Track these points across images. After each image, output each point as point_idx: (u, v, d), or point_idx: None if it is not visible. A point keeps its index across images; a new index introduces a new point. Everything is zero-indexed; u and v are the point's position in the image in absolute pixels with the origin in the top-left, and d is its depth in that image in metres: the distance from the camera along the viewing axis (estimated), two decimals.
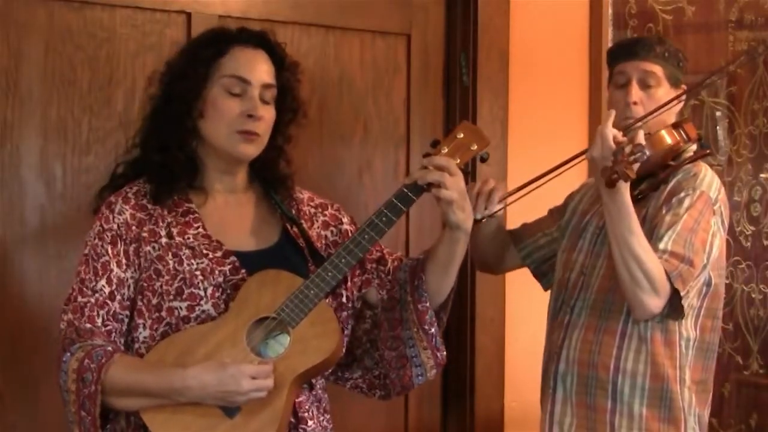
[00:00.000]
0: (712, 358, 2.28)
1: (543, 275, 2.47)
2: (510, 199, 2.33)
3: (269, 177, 2.07)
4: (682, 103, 2.32)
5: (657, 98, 2.24)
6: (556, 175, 2.27)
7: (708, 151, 2.26)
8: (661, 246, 2.10)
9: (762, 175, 3.43)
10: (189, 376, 1.81)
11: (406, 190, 1.94)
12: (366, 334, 2.11)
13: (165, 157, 1.96)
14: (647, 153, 1.98)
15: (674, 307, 2.11)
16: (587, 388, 2.22)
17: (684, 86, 2.31)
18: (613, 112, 2.14)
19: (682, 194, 2.15)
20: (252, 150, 1.98)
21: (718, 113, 3.38)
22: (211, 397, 1.82)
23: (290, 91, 2.05)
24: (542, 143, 2.91)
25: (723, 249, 2.24)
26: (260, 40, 2.01)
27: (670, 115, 2.28)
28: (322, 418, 2.03)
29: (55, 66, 2.53)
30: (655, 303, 2.08)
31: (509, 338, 3.02)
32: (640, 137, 2.02)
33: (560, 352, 2.27)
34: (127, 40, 2.60)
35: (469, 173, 2.01)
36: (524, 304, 2.52)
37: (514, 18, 3.02)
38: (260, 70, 1.98)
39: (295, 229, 2.05)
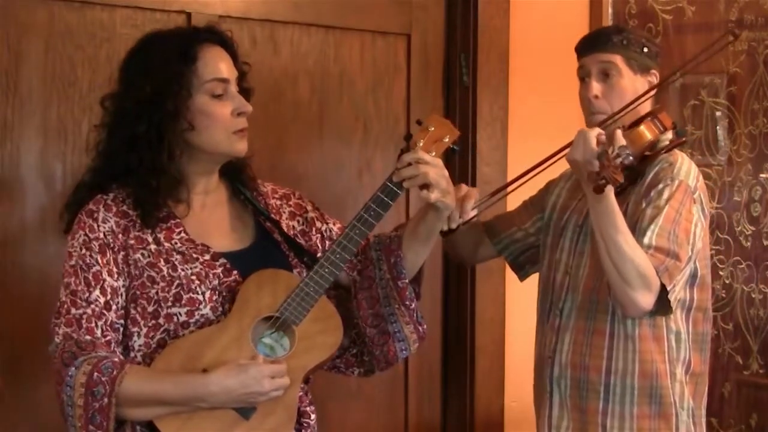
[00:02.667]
0: (707, 350, 2.28)
1: (520, 267, 2.46)
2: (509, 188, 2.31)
3: (232, 167, 2.05)
4: (655, 91, 2.28)
5: (620, 88, 2.22)
6: (535, 175, 2.26)
7: (684, 139, 2.22)
8: (645, 241, 2.07)
9: (762, 175, 3.43)
10: (211, 382, 1.81)
11: (391, 185, 1.95)
12: None
13: (159, 179, 1.91)
14: (633, 153, 1.95)
15: (662, 303, 2.09)
16: (580, 391, 2.22)
17: (655, 72, 2.28)
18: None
19: (661, 185, 2.13)
20: (246, 146, 1.98)
21: (718, 113, 3.38)
22: (233, 401, 1.82)
23: (245, 76, 2.04)
24: (542, 143, 2.90)
25: (706, 239, 2.23)
26: (215, 35, 1.98)
27: (644, 104, 2.25)
28: (309, 410, 2.04)
29: (55, 66, 2.53)
30: (647, 300, 2.05)
31: (509, 338, 3.03)
32: (620, 138, 1.98)
33: (553, 356, 2.26)
34: (127, 40, 2.58)
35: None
36: (524, 304, 2.52)
37: (514, 18, 3.02)
38: (229, 65, 1.97)
39: (268, 223, 2.05)
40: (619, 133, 2.01)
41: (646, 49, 2.25)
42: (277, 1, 2.79)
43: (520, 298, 2.55)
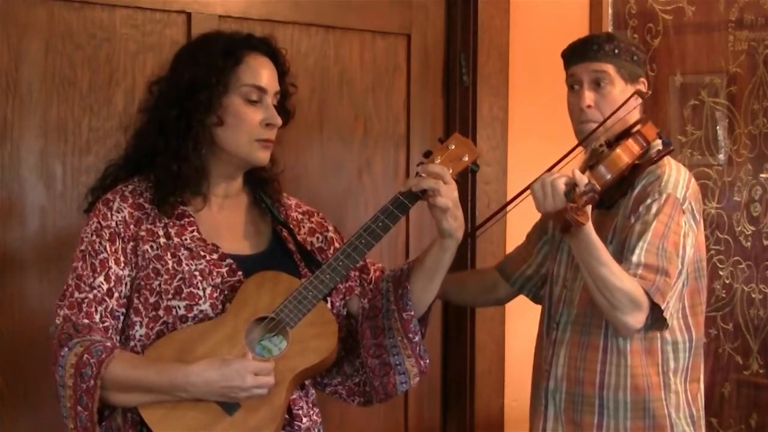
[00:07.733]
0: (703, 353, 2.28)
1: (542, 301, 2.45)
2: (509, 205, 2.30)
3: (259, 178, 2.09)
4: (641, 100, 2.25)
5: (612, 97, 2.20)
6: (521, 201, 2.24)
7: (671, 148, 2.19)
8: (634, 259, 2.06)
9: (762, 175, 3.43)
10: (192, 373, 1.82)
11: (401, 197, 1.97)
12: (341, 342, 2.10)
13: (180, 166, 1.95)
14: (597, 190, 1.94)
15: (657, 319, 2.09)
16: (574, 405, 2.21)
17: (643, 79, 2.26)
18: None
19: (649, 200, 2.11)
20: (267, 156, 2.01)
21: (718, 113, 3.38)
22: (213, 393, 1.83)
23: (288, 97, 2.07)
24: (542, 143, 2.91)
25: (701, 243, 2.21)
26: (266, 46, 2.03)
27: (633, 113, 2.22)
28: (311, 412, 2.05)
29: (55, 66, 2.53)
30: (638, 319, 2.05)
31: (509, 338, 3.03)
32: (581, 177, 1.95)
33: (550, 369, 2.25)
34: (127, 40, 2.60)
35: (460, 183, 2.01)
36: (524, 304, 2.52)
37: (514, 18, 3.02)
38: (272, 77, 2.00)
39: (285, 233, 2.07)
40: (578, 173, 1.98)
41: (635, 57, 2.24)
42: (277, 1, 2.79)
43: (520, 298, 2.54)
